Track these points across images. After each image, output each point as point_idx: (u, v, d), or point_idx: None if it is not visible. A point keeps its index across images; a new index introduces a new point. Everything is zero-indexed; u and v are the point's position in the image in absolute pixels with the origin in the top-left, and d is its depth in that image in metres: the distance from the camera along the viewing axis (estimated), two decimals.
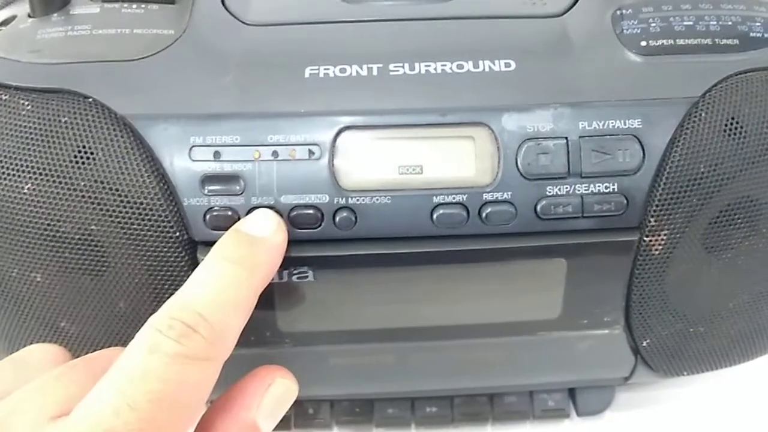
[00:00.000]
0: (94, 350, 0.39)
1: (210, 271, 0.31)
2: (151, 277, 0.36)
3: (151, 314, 0.38)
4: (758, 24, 0.38)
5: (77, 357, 0.40)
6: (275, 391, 0.32)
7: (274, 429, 0.46)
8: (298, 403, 0.46)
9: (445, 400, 0.46)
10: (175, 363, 0.27)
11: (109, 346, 0.39)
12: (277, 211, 0.35)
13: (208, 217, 0.35)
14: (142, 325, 0.38)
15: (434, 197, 0.35)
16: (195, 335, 0.28)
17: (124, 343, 0.39)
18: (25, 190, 0.35)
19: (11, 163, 0.35)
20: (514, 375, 0.44)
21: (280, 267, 0.36)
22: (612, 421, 0.48)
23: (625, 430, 0.48)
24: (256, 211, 0.35)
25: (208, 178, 0.35)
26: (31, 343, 0.40)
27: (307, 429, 0.46)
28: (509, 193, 0.35)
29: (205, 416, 0.31)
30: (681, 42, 0.37)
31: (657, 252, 0.37)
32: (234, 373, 0.42)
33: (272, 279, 0.36)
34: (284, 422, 0.46)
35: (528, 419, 0.47)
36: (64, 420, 0.26)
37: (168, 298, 0.37)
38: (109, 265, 0.36)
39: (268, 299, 0.37)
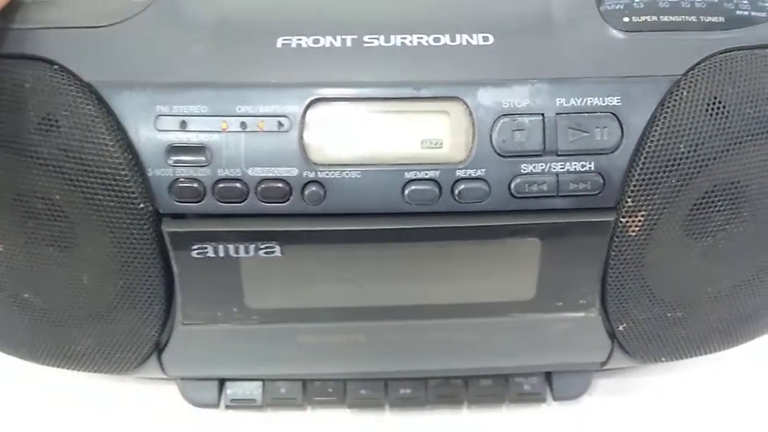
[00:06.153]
0: (58, 321, 0.38)
1: None
2: (115, 249, 0.35)
3: (116, 286, 0.37)
4: (745, 2, 0.37)
5: (41, 329, 0.39)
6: None
7: (242, 408, 0.45)
8: (269, 383, 0.45)
9: (419, 382, 0.45)
10: None
11: (72, 318, 0.38)
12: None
13: (173, 188, 0.34)
14: (107, 296, 0.38)
15: (406, 173, 0.34)
16: None
17: (89, 315, 0.38)
18: None
19: None
20: (488, 356, 0.43)
21: (246, 241, 0.35)
22: (589, 406, 0.47)
23: (601, 415, 0.47)
24: None
25: (174, 149, 0.34)
26: None
27: (279, 409, 0.46)
28: (483, 170, 0.34)
29: None
30: (665, 18, 0.36)
31: (634, 234, 0.36)
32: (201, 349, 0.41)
33: (238, 253, 0.36)
34: (255, 401, 0.45)
35: (504, 403, 0.46)
36: None
37: (132, 270, 0.36)
38: (74, 237, 0.36)
39: (234, 274, 0.37)
